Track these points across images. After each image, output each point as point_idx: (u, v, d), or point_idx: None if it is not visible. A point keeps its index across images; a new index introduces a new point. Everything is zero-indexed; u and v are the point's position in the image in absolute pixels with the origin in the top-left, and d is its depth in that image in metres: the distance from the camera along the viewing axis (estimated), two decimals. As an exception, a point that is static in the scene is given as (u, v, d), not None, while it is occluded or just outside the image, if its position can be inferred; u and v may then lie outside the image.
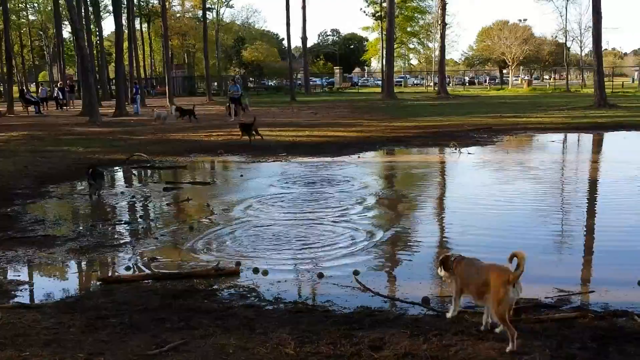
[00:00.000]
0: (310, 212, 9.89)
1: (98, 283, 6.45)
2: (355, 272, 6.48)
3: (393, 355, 4.40)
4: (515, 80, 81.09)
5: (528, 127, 23.80)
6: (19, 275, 6.86)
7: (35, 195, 11.66)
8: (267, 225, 9.01)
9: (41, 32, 74.38)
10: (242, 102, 31.14)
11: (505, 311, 4.51)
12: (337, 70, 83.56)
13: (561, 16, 67.25)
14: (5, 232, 8.62)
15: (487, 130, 22.56)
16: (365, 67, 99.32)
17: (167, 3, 52.98)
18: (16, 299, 5.99)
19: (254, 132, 20.06)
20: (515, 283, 4.52)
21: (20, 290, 6.31)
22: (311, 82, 69.54)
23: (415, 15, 71.87)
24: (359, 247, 7.78)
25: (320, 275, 6.50)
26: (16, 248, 7.77)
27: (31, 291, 6.36)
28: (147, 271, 6.87)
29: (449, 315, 5.15)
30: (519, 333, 4.53)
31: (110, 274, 6.85)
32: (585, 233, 8.74)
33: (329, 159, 16.42)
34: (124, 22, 41.11)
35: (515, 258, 4.51)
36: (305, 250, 7.72)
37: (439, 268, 5.19)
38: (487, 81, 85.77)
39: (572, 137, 21.72)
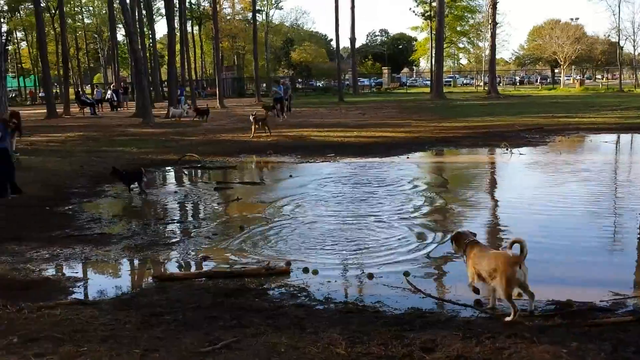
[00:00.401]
0: (359, 212, 9.88)
1: (152, 280, 6.59)
2: (406, 273, 6.44)
3: (445, 357, 4.35)
4: (567, 79, 79.00)
5: (580, 127, 23.18)
6: (77, 272, 7.07)
7: (91, 194, 12.01)
8: (317, 225, 9.04)
9: (96, 35, 76.52)
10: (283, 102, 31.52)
11: (512, 290, 5.09)
12: (385, 70, 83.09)
13: (614, 15, 64.90)
14: (63, 230, 8.90)
15: (539, 130, 22.08)
16: (414, 67, 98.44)
17: (218, 6, 53.66)
18: (74, 296, 6.18)
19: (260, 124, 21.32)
20: (521, 265, 5.06)
21: (78, 287, 6.50)
22: (359, 83, 69.32)
23: (465, 14, 70.77)
24: (409, 247, 7.73)
25: (370, 276, 6.48)
26: (74, 246, 8.01)
27: (88, 288, 6.54)
28: (200, 270, 6.99)
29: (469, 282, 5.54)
30: (573, 336, 4.43)
31: (163, 272, 6.97)
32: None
33: (377, 159, 16.36)
34: (176, 25, 41.93)
35: (516, 244, 5.13)
36: (354, 250, 7.71)
37: (452, 243, 5.79)
38: (539, 81, 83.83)
39: (625, 137, 21.02)
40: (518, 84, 78.32)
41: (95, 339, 4.84)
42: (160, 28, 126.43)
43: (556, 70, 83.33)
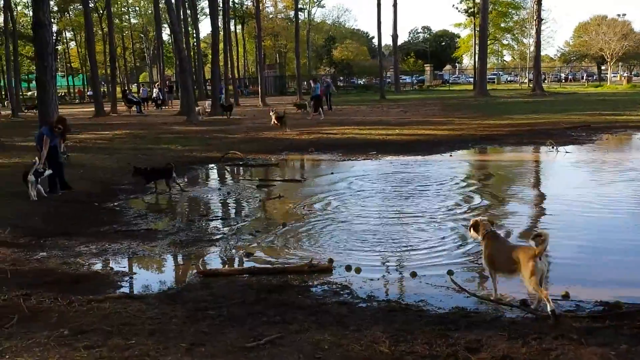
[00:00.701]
0: (402, 210, 9.82)
1: (197, 276, 6.68)
2: (450, 272, 6.37)
3: (491, 357, 4.30)
4: (614, 76, 76.78)
5: (628, 125, 22.51)
6: (124, 267, 7.24)
7: (138, 191, 12.25)
8: (359, 223, 9.03)
9: (142, 35, 77.94)
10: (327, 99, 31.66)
11: (538, 281, 5.18)
12: (427, 67, 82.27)
13: (663, 11, 62.64)
14: (111, 226, 9.11)
15: (585, 128, 21.52)
16: (457, 64, 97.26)
17: (260, 4, 54.06)
18: (122, 290, 6.32)
19: None
20: (541, 257, 5.21)
21: (126, 281, 6.65)
22: (401, 80, 68.80)
23: (510, 10, 69.51)
24: (452, 246, 7.66)
25: (414, 274, 6.44)
26: (121, 241, 8.20)
27: (135, 282, 6.68)
28: (243, 266, 7.06)
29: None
30: (622, 338, 4.32)
31: (208, 268, 7.07)
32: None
33: (419, 157, 16.24)
34: (219, 24, 42.36)
35: (539, 237, 5.28)
36: (397, 248, 7.68)
37: (470, 230, 5.95)
38: (585, 78, 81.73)
39: (676, 136, 20.33)
40: (563, 81, 76.53)
41: (143, 332, 4.94)
42: (204, 27, 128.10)
43: (603, 67, 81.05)
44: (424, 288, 6.05)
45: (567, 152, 16.31)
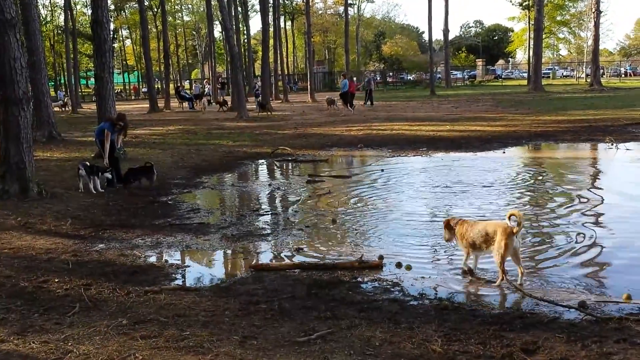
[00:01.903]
0: (453, 207, 9.71)
1: (248, 270, 6.77)
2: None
3: (548, 359, 4.20)
4: (679, 70, 73.79)
5: (694, 121, 21.61)
6: (178, 260, 7.39)
7: (191, 185, 12.49)
8: (409, 220, 8.97)
9: (194, 32, 79.28)
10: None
11: (506, 256, 5.80)
12: (479, 62, 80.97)
13: None
14: (165, 220, 9.32)
15: (647, 124, 20.77)
16: (510, 59, 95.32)
17: (310, 0, 54.21)
18: (176, 282, 6.46)
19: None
20: (517, 235, 5.77)
21: (180, 274, 6.79)
22: (452, 75, 67.95)
23: (566, 3, 67.55)
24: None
25: (467, 273, 6.35)
26: (175, 234, 8.38)
27: (189, 275, 6.81)
28: (294, 261, 7.12)
29: (496, 284, 5.94)
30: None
31: (259, 262, 7.15)
32: None
33: (471, 154, 16.00)
34: (270, 20, 42.68)
35: (513, 216, 5.82)
36: (448, 245, 7.60)
37: (445, 231, 6.40)
38: (646, 72, 78.85)
39: None
40: (623, 75, 73.96)
41: (197, 323, 5.04)
42: (255, 24, 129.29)
43: (665, 61, 78.04)
44: (478, 287, 5.97)
45: (627, 149, 15.80)
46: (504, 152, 16.21)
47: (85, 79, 76.41)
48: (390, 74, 77.25)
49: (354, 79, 42.81)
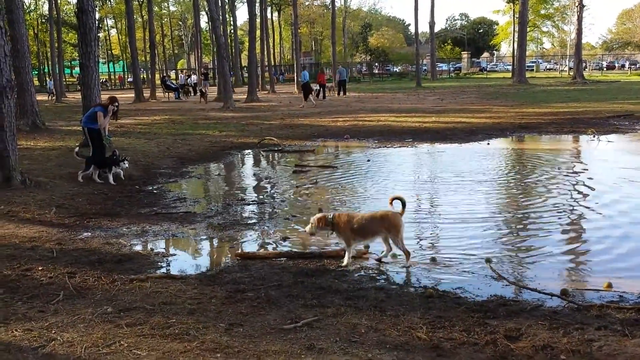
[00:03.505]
0: (437, 197, 9.77)
1: (235, 258, 6.77)
2: (488, 260, 6.33)
3: (531, 346, 4.26)
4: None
5: (674, 114, 21.87)
6: (164, 248, 7.37)
7: (177, 175, 12.45)
8: (397, 209, 8.99)
9: (180, 22, 78.78)
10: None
11: (403, 237, 6.35)
12: (464, 55, 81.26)
13: None
14: (151, 208, 9.28)
15: (628, 117, 20.98)
16: (494, 52, 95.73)
17: (297, -9, 54.00)
18: (162, 270, 6.44)
19: None
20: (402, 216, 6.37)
21: (166, 262, 6.77)
22: (437, 68, 68.15)
23: (550, -4, 68.07)
24: (490, 234, 7.60)
25: (445, 261, 6.41)
26: (161, 223, 8.35)
27: (175, 263, 6.79)
28: (280, 250, 7.13)
29: (344, 263, 6.33)
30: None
31: (245, 251, 7.15)
32: None
33: (456, 145, 16.09)
34: (256, 11, 42.47)
35: (397, 200, 6.46)
36: (433, 235, 7.66)
37: (311, 225, 6.50)
38: (628, 66, 79.51)
39: None
40: (605, 69, 74.58)
41: (183, 311, 5.04)
42: (241, 14, 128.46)
43: (646, 55, 78.83)
44: (462, 275, 6.02)
45: (609, 141, 15.97)
46: (488, 144, 16.32)
47: (70, 68, 75.59)
48: (376, 65, 77.28)
49: (325, 70, 43.11)
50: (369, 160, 13.94)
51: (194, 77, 47.03)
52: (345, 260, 6.40)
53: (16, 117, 11.09)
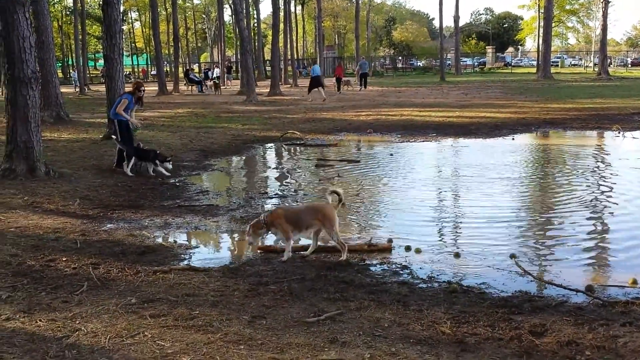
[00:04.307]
0: (462, 192, 9.68)
1: (258, 251, 6.77)
2: (513, 255, 6.26)
3: (556, 342, 4.19)
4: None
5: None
6: (187, 241, 7.40)
7: (200, 168, 12.50)
8: (418, 204, 8.95)
9: (204, 15, 78.99)
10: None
11: (338, 230, 6.37)
12: (489, 49, 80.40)
13: None
14: (174, 201, 9.32)
15: (654, 113, 20.60)
16: (519, 47, 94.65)
17: (320, -15, 53.84)
18: (185, 262, 6.46)
19: None
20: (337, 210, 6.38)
21: (189, 254, 6.79)
22: (461, 62, 67.52)
23: (576, -8, 67.06)
24: (514, 229, 7.51)
25: (468, 257, 6.35)
26: (184, 215, 8.38)
27: (198, 255, 6.80)
28: (303, 243, 7.10)
29: (284, 258, 6.29)
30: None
31: (268, 244, 7.13)
32: None
33: (480, 140, 15.94)
34: (280, 4, 42.43)
35: (334, 194, 6.47)
36: (457, 230, 7.59)
37: (248, 233, 6.46)
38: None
39: None
40: (630, 65, 73.29)
41: (206, 303, 5.05)
42: (265, 8, 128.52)
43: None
44: (486, 271, 5.95)
45: (634, 137, 15.72)
46: (513, 139, 16.13)
47: (93, 61, 76.38)
48: (400, 59, 76.86)
49: (342, 63, 43.13)
50: (391, 155, 13.86)
51: (217, 70, 47.22)
52: (285, 255, 6.33)
53: (40, 109, 11.21)
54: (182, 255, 6.69)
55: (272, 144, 16.31)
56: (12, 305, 4.96)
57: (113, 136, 11.73)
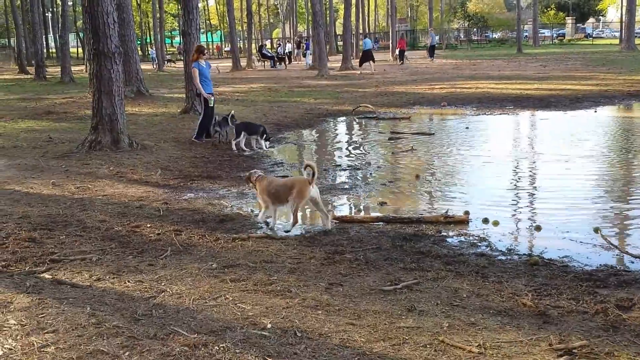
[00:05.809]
0: (541, 164, 9.39)
1: (333, 221, 6.81)
2: (597, 229, 6.03)
3: (645, 317, 4.04)
4: None
5: None
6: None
7: (273, 141, 12.64)
8: (495, 177, 8.77)
9: (277, -9, 79.34)
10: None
11: (302, 206, 6.54)
12: (569, 20, 76.76)
13: None
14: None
15: None
16: (601, 17, 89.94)
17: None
18: (262, 230, 6.58)
19: None
20: (313, 185, 6.33)
21: (265, 223, 6.90)
22: (540, 34, 64.87)
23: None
24: (598, 203, 7.24)
25: (550, 230, 6.16)
26: (260, 186, 8.51)
27: (274, 224, 6.91)
28: (378, 214, 7.10)
29: (267, 230, 6.47)
30: None
31: (343, 214, 7.17)
32: None
33: (560, 112, 15.36)
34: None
35: (308, 167, 6.39)
36: (539, 204, 7.38)
37: (246, 182, 7.02)
38: None
39: None
40: None
41: (284, 269, 5.14)
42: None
43: None
44: (569, 244, 5.77)
45: None
46: (595, 112, 15.45)
47: (170, 38, 78.15)
48: (475, 31, 74.73)
49: (404, 35, 42.61)
50: (467, 128, 13.56)
51: (288, 46, 47.41)
52: (260, 215, 6.76)
53: (122, 83, 11.60)
54: (259, 224, 6.82)
55: (344, 118, 16.29)
56: (102, 267, 5.22)
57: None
